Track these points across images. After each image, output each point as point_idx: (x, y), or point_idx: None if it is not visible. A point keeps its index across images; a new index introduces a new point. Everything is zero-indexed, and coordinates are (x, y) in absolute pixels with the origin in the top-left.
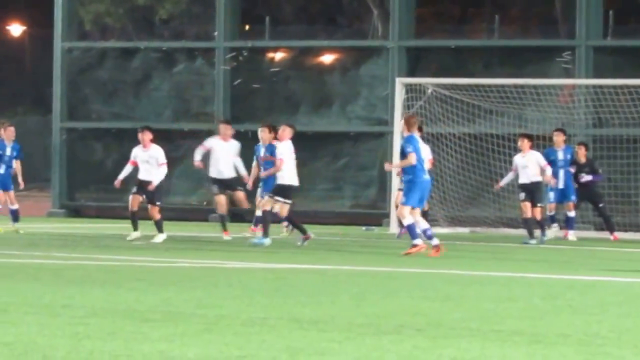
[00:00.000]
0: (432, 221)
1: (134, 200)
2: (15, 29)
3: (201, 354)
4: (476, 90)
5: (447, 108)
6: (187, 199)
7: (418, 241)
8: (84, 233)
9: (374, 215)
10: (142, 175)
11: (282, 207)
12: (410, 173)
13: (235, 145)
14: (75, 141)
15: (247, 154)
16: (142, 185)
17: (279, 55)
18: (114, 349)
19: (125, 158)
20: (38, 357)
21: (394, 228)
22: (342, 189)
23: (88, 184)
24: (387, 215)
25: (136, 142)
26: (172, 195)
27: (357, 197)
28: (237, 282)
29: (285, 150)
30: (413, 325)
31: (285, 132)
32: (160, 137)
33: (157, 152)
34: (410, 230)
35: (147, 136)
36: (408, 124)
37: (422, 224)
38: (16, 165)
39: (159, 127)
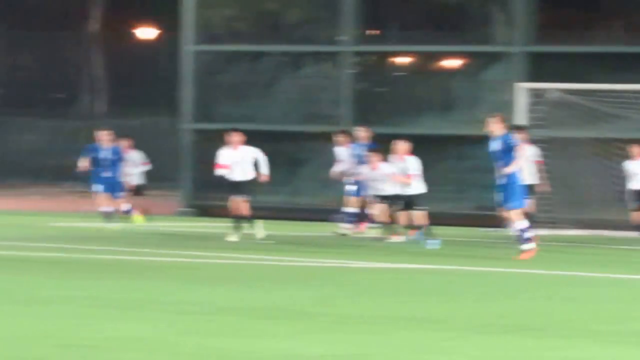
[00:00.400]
0: (549, 223)
1: (239, 204)
2: (147, 33)
3: (325, 352)
4: (598, 95)
5: (569, 113)
6: (313, 200)
7: (529, 245)
8: (212, 232)
9: (497, 217)
10: (238, 176)
11: (421, 215)
12: (513, 175)
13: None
14: (204, 142)
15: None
16: (240, 186)
17: (403, 60)
18: (240, 346)
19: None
20: (167, 353)
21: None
22: (465, 191)
23: (216, 184)
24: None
25: (262, 144)
26: (298, 196)
27: (481, 200)
28: (361, 281)
29: (416, 166)
30: (535, 325)
31: (404, 146)
32: (287, 139)
33: (250, 152)
34: (522, 233)
35: (236, 138)
36: (503, 122)
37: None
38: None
39: (286, 129)
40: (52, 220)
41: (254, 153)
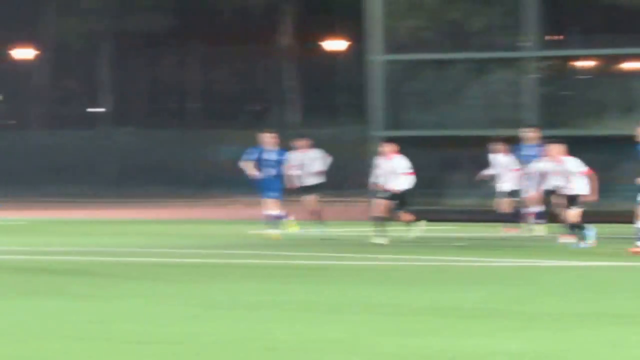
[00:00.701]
0: None
1: (383, 206)
2: (336, 44)
3: (522, 349)
4: None
5: None
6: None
7: None
8: (402, 235)
9: None
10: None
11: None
12: None
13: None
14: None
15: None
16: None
17: (586, 63)
18: (439, 344)
19: (446, 163)
20: (365, 353)
21: None
22: None
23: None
24: None
25: (450, 148)
26: (487, 198)
27: None
28: (552, 280)
29: (577, 165)
30: None
31: (559, 148)
32: (474, 143)
33: (398, 162)
34: None
35: (388, 148)
36: None
37: None
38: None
39: (472, 134)
40: (250, 228)
41: (403, 162)
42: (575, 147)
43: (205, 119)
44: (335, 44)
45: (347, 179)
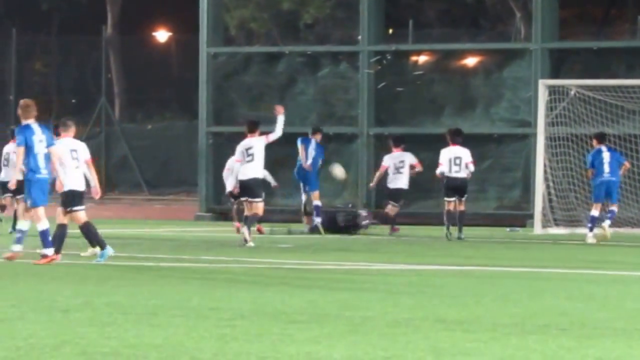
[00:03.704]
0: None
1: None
2: (162, 35)
3: (347, 355)
4: (619, 91)
5: (590, 109)
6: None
7: None
8: (230, 236)
9: (518, 216)
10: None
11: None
12: None
13: None
14: (221, 145)
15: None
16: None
17: (422, 59)
18: (260, 350)
19: (276, 161)
20: (186, 359)
21: (537, 229)
22: (486, 190)
23: None
24: (531, 217)
25: (281, 145)
26: None
27: (501, 199)
28: (381, 283)
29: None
30: (558, 325)
31: None
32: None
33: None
34: None
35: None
36: None
37: None
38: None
39: (305, 130)
40: None
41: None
42: (410, 144)
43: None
44: (165, 35)
45: (172, 174)
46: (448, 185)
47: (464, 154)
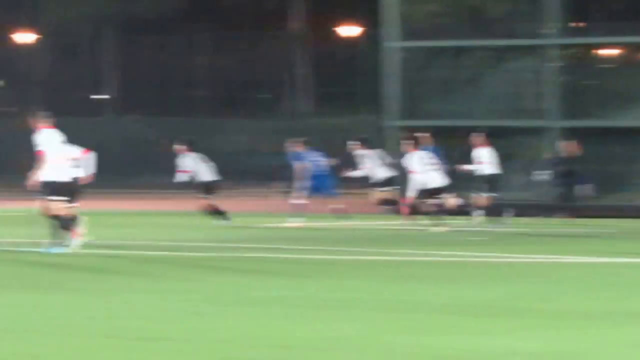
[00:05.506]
0: None
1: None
2: (350, 30)
3: (543, 348)
4: None
5: None
6: (520, 195)
7: None
8: (416, 229)
9: None
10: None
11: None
12: None
13: None
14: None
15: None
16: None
17: (609, 52)
18: (458, 343)
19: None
20: (379, 351)
21: None
22: None
23: None
24: None
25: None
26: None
27: None
28: (574, 276)
29: None
30: None
31: None
32: (493, 134)
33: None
34: None
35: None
36: None
37: None
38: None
39: (493, 124)
40: (262, 221)
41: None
42: (597, 138)
43: (213, 107)
44: (349, 30)
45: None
46: None
47: None
